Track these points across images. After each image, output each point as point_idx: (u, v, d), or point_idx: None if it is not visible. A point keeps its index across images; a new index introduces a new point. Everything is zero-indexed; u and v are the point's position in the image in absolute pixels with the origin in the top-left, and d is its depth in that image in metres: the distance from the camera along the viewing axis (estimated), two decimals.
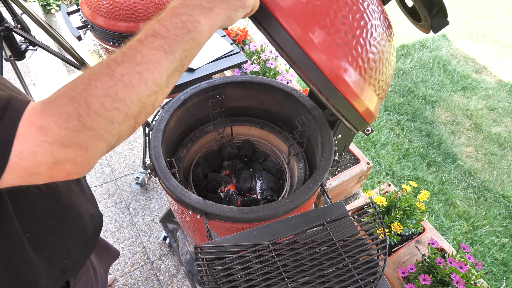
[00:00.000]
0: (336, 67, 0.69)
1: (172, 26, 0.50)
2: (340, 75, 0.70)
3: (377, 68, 0.75)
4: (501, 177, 2.66)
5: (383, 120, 3.00)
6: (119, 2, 1.51)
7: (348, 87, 0.72)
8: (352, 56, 0.70)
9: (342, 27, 0.69)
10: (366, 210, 0.87)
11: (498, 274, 2.14)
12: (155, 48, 0.49)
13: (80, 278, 0.96)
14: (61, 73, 2.98)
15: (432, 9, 0.72)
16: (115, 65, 0.47)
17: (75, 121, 0.44)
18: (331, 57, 0.68)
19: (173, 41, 0.50)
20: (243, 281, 0.73)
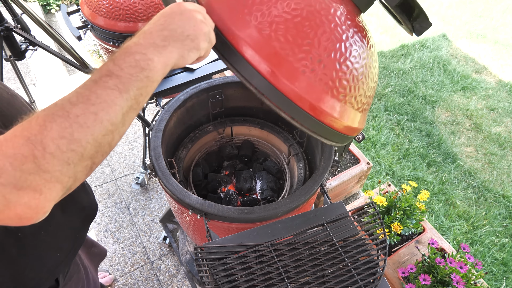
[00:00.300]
0: (306, 93, 0.69)
1: (126, 65, 0.50)
2: (311, 101, 0.70)
3: (352, 86, 0.74)
4: (501, 177, 2.66)
5: (383, 120, 3.00)
6: (119, 2, 1.51)
7: (321, 111, 0.71)
8: (322, 80, 0.69)
9: (308, 54, 0.68)
10: (366, 210, 0.87)
11: (498, 274, 2.14)
12: (109, 87, 0.49)
13: (71, 277, 0.96)
14: (61, 73, 2.98)
15: (412, 12, 0.72)
16: (69, 106, 0.47)
17: (30, 163, 0.43)
18: (299, 84, 0.68)
19: (127, 80, 0.50)
20: (243, 281, 0.73)
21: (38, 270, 0.81)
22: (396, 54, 3.66)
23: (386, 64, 3.53)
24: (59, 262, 0.86)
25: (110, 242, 2.00)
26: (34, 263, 0.79)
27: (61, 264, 0.87)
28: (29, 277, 0.80)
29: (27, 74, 2.94)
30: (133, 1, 1.51)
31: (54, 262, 0.85)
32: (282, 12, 0.68)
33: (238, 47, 0.67)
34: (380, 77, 3.40)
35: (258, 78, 0.69)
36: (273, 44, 0.67)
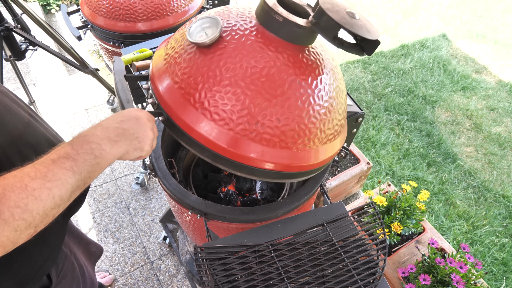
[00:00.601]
0: (263, 156, 0.77)
1: (82, 151, 0.58)
2: (276, 164, 0.78)
3: (311, 136, 0.80)
4: (501, 177, 2.66)
5: (383, 120, 3.00)
6: (119, 2, 1.51)
7: (287, 166, 0.80)
8: (273, 140, 0.76)
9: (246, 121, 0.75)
10: (366, 210, 0.87)
11: (498, 274, 2.14)
12: (65, 168, 0.56)
13: (65, 275, 0.95)
14: (61, 73, 2.98)
15: (356, 36, 0.73)
16: (28, 179, 0.52)
17: None
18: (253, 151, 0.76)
19: (81, 164, 0.57)
20: (243, 281, 0.73)
21: (24, 264, 0.81)
22: (396, 54, 3.66)
23: (386, 64, 3.53)
24: (46, 257, 0.86)
25: (110, 242, 2.00)
26: (19, 257, 0.79)
27: (48, 259, 0.86)
28: (15, 271, 0.79)
29: (27, 74, 2.94)
30: (133, 1, 1.51)
31: (41, 257, 0.85)
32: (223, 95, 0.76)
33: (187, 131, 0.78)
34: (380, 77, 3.40)
35: (207, 152, 0.78)
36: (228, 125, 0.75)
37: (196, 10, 1.64)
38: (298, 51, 0.79)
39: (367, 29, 0.73)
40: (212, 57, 0.77)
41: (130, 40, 1.59)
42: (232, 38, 0.78)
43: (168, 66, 0.83)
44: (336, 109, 0.84)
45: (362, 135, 2.88)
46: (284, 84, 0.75)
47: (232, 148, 0.76)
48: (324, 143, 0.84)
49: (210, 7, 1.70)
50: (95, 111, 2.68)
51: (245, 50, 0.76)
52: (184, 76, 0.78)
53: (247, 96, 0.74)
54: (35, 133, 0.84)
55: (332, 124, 0.84)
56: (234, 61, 0.75)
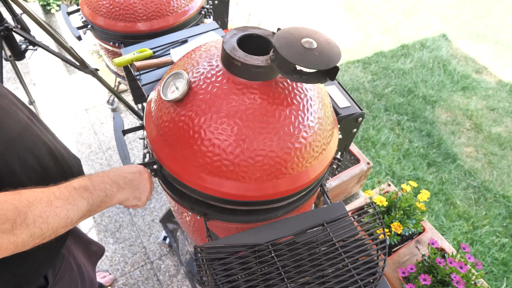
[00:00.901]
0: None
1: (98, 188, 0.71)
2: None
3: (301, 162, 0.86)
4: (501, 177, 2.66)
5: (383, 120, 3.00)
6: (119, 2, 1.51)
7: (286, 191, 0.87)
8: (250, 176, 0.83)
9: (232, 167, 0.82)
10: (366, 210, 0.87)
11: (498, 274, 2.14)
12: (83, 197, 0.67)
13: (62, 276, 0.95)
14: (61, 73, 2.98)
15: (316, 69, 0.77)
16: (54, 197, 0.62)
17: (8, 224, 0.55)
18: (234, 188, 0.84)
19: (95, 197, 0.70)
20: (243, 282, 0.73)
21: (21, 266, 0.81)
22: (396, 54, 3.66)
23: (386, 64, 3.53)
24: (43, 260, 0.86)
25: (110, 242, 2.00)
26: (16, 258, 0.77)
27: (45, 261, 0.86)
28: (10, 273, 0.79)
29: (27, 74, 2.94)
30: (133, 1, 1.51)
31: (37, 259, 0.85)
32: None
33: (178, 178, 0.88)
34: (380, 77, 3.40)
35: (197, 192, 0.89)
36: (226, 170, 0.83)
37: (196, 10, 1.64)
38: (267, 86, 0.83)
39: (326, 55, 0.75)
40: (185, 113, 0.84)
41: (130, 40, 1.59)
42: (200, 89, 0.84)
43: (154, 119, 0.93)
44: (315, 131, 0.87)
45: (362, 135, 2.88)
46: (254, 126, 0.80)
47: (217, 187, 0.84)
48: (315, 159, 0.88)
49: (210, 7, 1.70)
50: (95, 111, 2.68)
51: (212, 100, 0.82)
52: (166, 130, 0.88)
53: (220, 143, 0.81)
54: (32, 136, 0.84)
55: (321, 142, 0.87)
56: (204, 111, 0.82)
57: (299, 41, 0.76)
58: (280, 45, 0.75)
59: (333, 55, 0.75)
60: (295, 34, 0.78)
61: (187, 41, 1.36)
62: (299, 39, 0.77)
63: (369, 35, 3.94)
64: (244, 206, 0.90)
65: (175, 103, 0.86)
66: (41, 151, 0.85)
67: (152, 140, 0.92)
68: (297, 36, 0.78)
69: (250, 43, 0.86)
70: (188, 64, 0.91)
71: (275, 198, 0.87)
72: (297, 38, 0.77)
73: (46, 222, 0.60)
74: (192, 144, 0.83)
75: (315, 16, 4.16)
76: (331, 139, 0.93)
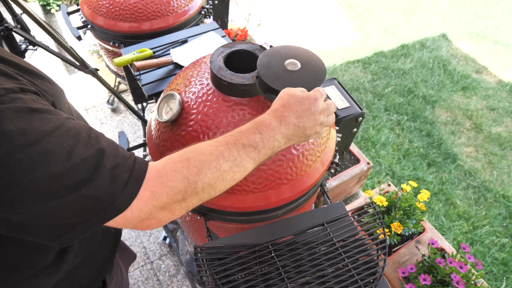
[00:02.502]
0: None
1: (267, 145, 0.64)
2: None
3: (303, 166, 0.87)
4: (501, 177, 2.66)
5: (383, 120, 3.00)
6: (119, 2, 1.51)
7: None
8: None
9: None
10: (366, 210, 0.87)
11: (498, 274, 2.14)
12: (250, 157, 0.62)
13: (113, 278, 0.97)
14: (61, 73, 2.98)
15: (267, 90, 0.79)
16: (223, 160, 0.59)
17: (180, 195, 0.55)
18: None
19: (262, 156, 0.64)
20: (243, 281, 0.73)
21: (90, 267, 0.83)
22: (396, 54, 3.66)
23: (386, 64, 3.53)
24: (105, 260, 0.88)
25: None
26: (88, 260, 0.81)
27: (106, 262, 0.89)
28: (83, 275, 0.82)
29: None
30: (133, 1, 1.51)
31: (102, 259, 0.87)
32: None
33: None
34: (380, 77, 3.40)
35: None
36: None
37: (196, 10, 1.64)
38: (256, 101, 0.86)
39: (304, 79, 0.76)
40: (179, 132, 0.88)
41: (130, 40, 1.58)
42: (191, 108, 0.87)
43: (154, 138, 0.97)
44: (308, 141, 0.87)
45: (362, 135, 2.88)
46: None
47: (214, 201, 0.87)
48: (313, 163, 0.89)
49: (210, 7, 1.70)
50: (95, 111, 2.68)
51: (203, 119, 0.85)
52: (164, 149, 0.91)
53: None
54: None
55: (304, 157, 0.88)
56: (196, 130, 0.85)
57: (283, 62, 0.78)
58: (261, 63, 0.77)
59: (313, 80, 0.76)
60: (282, 54, 0.80)
61: (187, 41, 1.36)
62: (284, 60, 0.79)
63: (369, 35, 3.93)
64: (243, 216, 0.91)
65: (170, 124, 0.90)
66: None
67: (153, 158, 0.95)
68: (284, 56, 0.79)
69: (240, 58, 0.89)
70: (181, 84, 0.94)
71: (273, 207, 0.89)
72: (282, 58, 0.79)
73: (214, 187, 0.59)
74: None
75: (315, 16, 4.16)
76: (326, 146, 0.94)
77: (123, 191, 0.51)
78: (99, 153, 0.51)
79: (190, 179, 0.56)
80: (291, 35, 3.88)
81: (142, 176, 0.54)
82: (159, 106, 0.91)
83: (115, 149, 0.54)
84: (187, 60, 1.27)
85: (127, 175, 0.52)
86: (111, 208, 0.51)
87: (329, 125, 0.74)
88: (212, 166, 0.58)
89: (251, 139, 0.63)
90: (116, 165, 0.52)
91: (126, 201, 0.52)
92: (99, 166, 0.50)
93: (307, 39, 3.85)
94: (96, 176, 0.50)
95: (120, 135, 1.12)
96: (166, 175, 0.55)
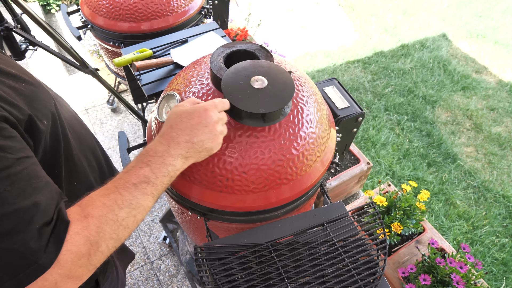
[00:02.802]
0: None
1: (161, 174, 0.61)
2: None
3: (304, 166, 0.87)
4: (501, 177, 2.66)
5: (383, 120, 3.00)
6: (119, 2, 1.51)
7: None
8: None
9: (227, 182, 0.84)
10: (366, 210, 0.87)
11: (498, 274, 2.14)
12: (147, 194, 0.59)
13: (107, 277, 0.97)
14: (61, 73, 2.98)
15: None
16: (118, 209, 0.56)
17: (84, 259, 0.53)
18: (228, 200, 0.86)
19: (159, 187, 0.61)
20: (243, 281, 0.73)
21: None
22: (396, 54, 3.66)
23: (386, 64, 3.53)
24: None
25: None
26: None
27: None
28: None
29: None
30: (133, 1, 1.51)
31: None
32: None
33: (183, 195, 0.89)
34: (380, 77, 3.40)
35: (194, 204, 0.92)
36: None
37: (196, 10, 1.64)
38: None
39: (269, 98, 0.76)
40: None
41: (130, 40, 1.59)
42: None
43: (154, 137, 0.94)
44: (308, 141, 0.87)
45: (362, 135, 2.88)
46: (244, 141, 0.82)
47: (214, 201, 0.86)
48: (313, 163, 0.89)
49: (210, 7, 1.70)
50: (95, 111, 2.69)
51: None
52: None
53: (213, 160, 0.83)
54: (88, 134, 0.88)
55: (304, 157, 0.88)
56: None
57: (248, 79, 0.78)
58: (226, 80, 0.78)
59: (276, 100, 0.77)
60: (250, 70, 0.80)
61: (187, 41, 1.36)
62: (249, 76, 0.79)
63: (369, 35, 3.93)
64: (243, 217, 0.91)
65: None
66: (95, 150, 0.87)
67: None
68: (252, 73, 0.80)
69: (240, 58, 0.89)
70: (181, 84, 0.94)
71: (273, 207, 0.89)
72: (248, 75, 0.79)
73: (118, 239, 0.57)
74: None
75: (315, 16, 4.16)
76: (326, 146, 0.94)
77: (46, 249, 0.50)
78: (35, 207, 0.49)
79: (91, 240, 0.53)
80: (291, 35, 3.88)
81: (63, 235, 0.52)
82: (159, 106, 0.91)
83: (51, 204, 0.52)
84: (187, 60, 1.27)
85: (49, 233, 0.50)
86: (36, 266, 0.49)
87: (224, 134, 0.72)
88: (109, 220, 0.55)
89: (140, 175, 0.60)
90: (46, 223, 0.50)
91: (49, 257, 0.50)
92: (31, 220, 0.48)
93: (307, 39, 3.85)
94: (25, 231, 0.48)
95: (120, 135, 1.12)
96: (71, 240, 0.52)
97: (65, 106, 0.80)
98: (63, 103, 0.81)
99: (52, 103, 0.68)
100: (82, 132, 0.82)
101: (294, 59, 3.60)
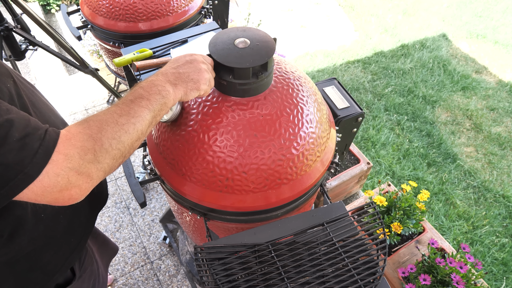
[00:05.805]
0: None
1: (152, 92, 0.68)
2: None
3: (304, 166, 0.88)
4: (501, 177, 2.66)
5: (383, 120, 3.00)
6: (119, 2, 1.51)
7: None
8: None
9: (227, 181, 0.85)
10: (366, 210, 0.87)
11: (498, 274, 2.14)
12: (142, 106, 0.65)
13: (85, 269, 0.97)
14: (61, 73, 2.98)
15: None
16: (117, 116, 0.62)
17: (91, 154, 0.57)
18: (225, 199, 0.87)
19: (153, 102, 0.67)
20: (243, 281, 0.73)
21: (54, 253, 0.83)
22: (396, 54, 3.66)
23: (386, 64, 3.53)
24: (73, 248, 0.89)
25: None
26: (50, 246, 0.82)
27: (74, 250, 0.89)
28: (45, 261, 0.82)
29: (27, 74, 2.94)
30: (133, 1, 1.51)
31: (68, 247, 0.87)
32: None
33: (178, 192, 0.90)
34: (380, 77, 3.40)
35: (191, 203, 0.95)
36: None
37: (196, 10, 1.64)
38: (256, 101, 0.86)
39: (256, 52, 0.80)
40: (179, 132, 0.88)
41: (130, 40, 1.58)
42: (191, 109, 0.88)
43: (154, 138, 0.97)
44: (307, 141, 0.88)
45: (362, 135, 2.88)
46: (244, 141, 0.83)
47: (214, 201, 0.87)
48: (313, 162, 0.89)
49: (210, 7, 1.70)
50: (95, 111, 2.69)
51: (203, 119, 0.85)
52: (164, 149, 0.92)
53: (213, 160, 0.84)
54: (62, 122, 0.89)
55: (304, 157, 0.88)
56: (196, 131, 0.85)
57: (233, 41, 0.82)
58: (212, 43, 0.82)
59: (261, 53, 0.80)
60: (232, 35, 0.84)
61: (187, 41, 1.36)
62: (232, 40, 0.83)
63: (369, 35, 3.93)
64: (243, 216, 0.91)
65: (170, 124, 0.90)
66: None
67: (153, 157, 0.96)
68: (233, 36, 0.83)
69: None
70: None
71: (273, 207, 0.89)
72: (232, 38, 0.83)
73: (121, 141, 0.61)
74: (188, 162, 0.86)
75: (315, 16, 4.16)
76: (326, 146, 0.94)
77: (33, 158, 0.52)
78: (8, 122, 0.52)
79: (94, 136, 0.58)
80: (291, 35, 3.88)
81: (53, 143, 0.55)
82: None
83: (26, 121, 0.55)
84: None
85: (38, 144, 0.53)
86: (22, 175, 0.52)
87: (210, 74, 0.78)
88: (110, 122, 0.60)
89: (135, 94, 0.67)
90: (25, 135, 0.53)
91: (36, 167, 0.52)
92: (6, 135, 0.51)
93: (307, 39, 3.85)
94: (3, 144, 0.51)
95: None
96: (74, 137, 0.57)
97: (31, 90, 0.82)
98: (32, 89, 0.83)
99: (10, 80, 0.70)
100: (51, 117, 0.82)
101: (294, 59, 3.60)
